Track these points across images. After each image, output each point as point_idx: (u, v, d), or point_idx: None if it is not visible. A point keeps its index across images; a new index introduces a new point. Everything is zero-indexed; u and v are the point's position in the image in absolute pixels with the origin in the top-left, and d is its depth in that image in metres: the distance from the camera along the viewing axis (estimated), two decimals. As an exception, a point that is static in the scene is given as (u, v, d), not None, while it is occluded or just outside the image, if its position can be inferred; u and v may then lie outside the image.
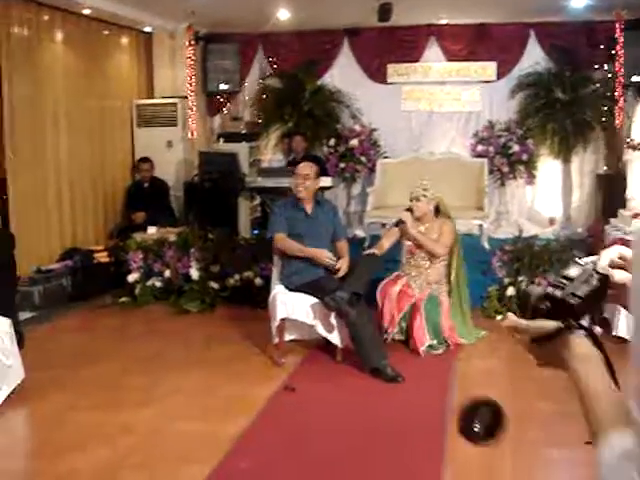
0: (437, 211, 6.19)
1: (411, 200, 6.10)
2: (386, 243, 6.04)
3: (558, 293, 1.29)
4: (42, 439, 4.39)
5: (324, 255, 5.59)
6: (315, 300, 5.44)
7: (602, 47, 9.23)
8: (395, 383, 5.14)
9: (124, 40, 9.56)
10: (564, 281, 1.29)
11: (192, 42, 9.58)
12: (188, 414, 4.61)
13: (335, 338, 5.46)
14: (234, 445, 4.12)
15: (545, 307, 1.30)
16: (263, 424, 4.45)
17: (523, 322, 1.32)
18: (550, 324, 1.28)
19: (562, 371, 1.31)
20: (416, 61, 10.17)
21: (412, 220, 6.06)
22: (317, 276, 5.60)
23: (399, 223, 6.09)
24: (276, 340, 5.58)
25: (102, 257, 7.89)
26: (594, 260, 1.34)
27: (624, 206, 6.57)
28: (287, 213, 5.78)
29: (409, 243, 6.13)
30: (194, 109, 9.63)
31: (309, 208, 5.81)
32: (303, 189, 5.74)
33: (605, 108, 9.25)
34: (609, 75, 9.20)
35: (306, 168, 5.84)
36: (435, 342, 5.90)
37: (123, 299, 7.43)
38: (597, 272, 1.30)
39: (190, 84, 9.59)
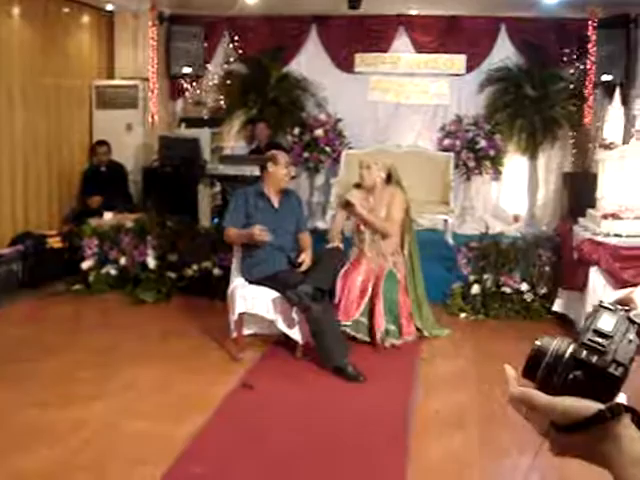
0: (389, 179, 5.97)
1: (360, 167, 5.92)
2: (337, 234, 5.89)
3: (595, 359, 0.94)
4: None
5: (256, 230, 5.29)
6: (276, 294, 5.25)
7: (573, 45, 9.16)
8: (357, 382, 4.97)
9: (85, 18, 9.22)
10: (599, 339, 0.95)
11: (155, 23, 9.30)
12: (142, 411, 4.39)
13: (296, 334, 5.28)
14: (188, 446, 3.92)
15: (576, 378, 0.95)
16: (219, 424, 4.25)
17: (542, 398, 0.96)
18: (584, 405, 0.93)
19: (600, 467, 0.94)
20: (385, 51, 10.00)
21: (360, 198, 5.89)
22: (279, 269, 5.40)
23: (347, 205, 5.91)
24: (234, 334, 5.38)
25: (55, 242, 7.60)
26: (622, 300, 1.03)
27: (592, 206, 6.46)
28: (250, 203, 5.54)
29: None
30: (155, 92, 9.37)
31: (275, 200, 5.59)
32: (288, 179, 5.62)
33: (574, 106, 9.18)
34: (579, 73, 9.13)
35: (286, 156, 5.69)
36: (392, 327, 5.71)
37: (76, 287, 7.16)
38: (633, 321, 0.98)
39: (152, 66, 9.32)
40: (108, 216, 7.84)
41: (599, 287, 5.79)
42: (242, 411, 4.45)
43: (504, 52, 9.60)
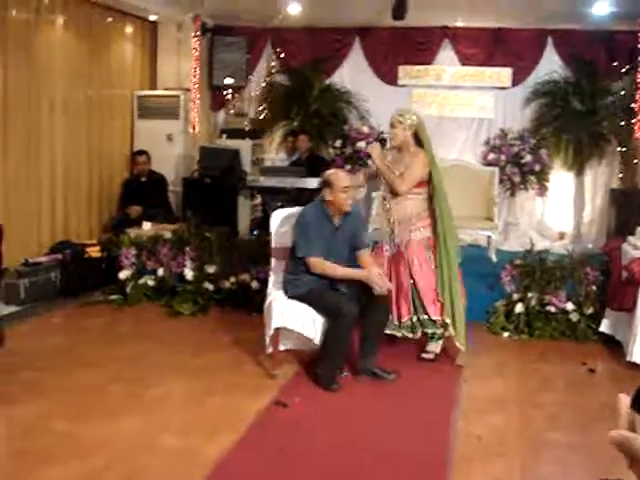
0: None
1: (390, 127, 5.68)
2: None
3: None
4: (10, 450, 4.05)
5: (374, 276, 4.98)
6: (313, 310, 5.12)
7: (623, 58, 8.94)
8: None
9: (128, 28, 9.25)
10: None
11: (198, 33, 9.29)
12: (173, 427, 4.29)
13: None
14: (219, 465, 3.80)
15: None
16: (251, 442, 4.12)
17: None
18: None
19: None
20: (429, 64, 9.88)
21: (380, 151, 5.64)
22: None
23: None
24: (270, 350, 5.25)
25: (94, 252, 7.57)
26: None
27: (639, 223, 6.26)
28: (323, 227, 5.18)
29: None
30: (197, 102, 9.36)
31: (337, 219, 5.24)
32: (351, 202, 5.20)
33: (623, 121, 8.95)
34: (629, 87, 8.91)
35: (343, 176, 5.25)
36: (415, 318, 5.51)
37: (113, 297, 7.11)
38: None
39: (194, 77, 9.33)
40: (147, 226, 7.80)
41: (649, 308, 5.57)
42: (275, 430, 4.31)
43: (551, 65, 9.42)
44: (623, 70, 9.03)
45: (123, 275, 7.19)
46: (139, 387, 4.88)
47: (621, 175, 9.32)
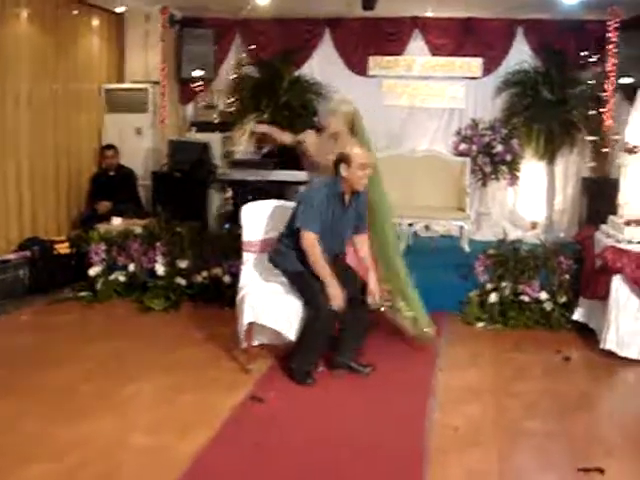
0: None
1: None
2: None
3: None
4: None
5: (337, 297, 4.85)
6: (288, 301, 5.05)
7: (592, 47, 8.97)
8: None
9: (94, 21, 9.09)
10: None
11: (166, 25, 9.18)
12: (147, 425, 4.20)
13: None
14: (194, 463, 3.73)
15: None
16: (226, 438, 4.06)
17: None
18: None
19: None
20: (399, 54, 9.85)
21: (315, 139, 5.79)
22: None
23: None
24: (244, 344, 5.19)
25: (63, 248, 7.45)
26: None
27: (613, 212, 6.26)
28: (330, 206, 4.98)
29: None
30: (166, 95, 9.25)
31: (348, 198, 5.06)
32: (366, 181, 5.03)
33: (593, 110, 8.97)
34: (598, 76, 8.93)
35: (361, 152, 4.98)
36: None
37: (83, 294, 7.00)
38: None
39: (163, 69, 9.23)
40: (117, 222, 7.70)
41: (623, 296, 5.57)
42: (250, 425, 4.25)
43: (521, 55, 9.44)
44: (592, 59, 9.05)
45: (93, 271, 7.08)
46: (111, 385, 4.79)
47: (592, 164, 9.35)
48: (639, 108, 6.04)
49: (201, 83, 9.95)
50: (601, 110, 8.77)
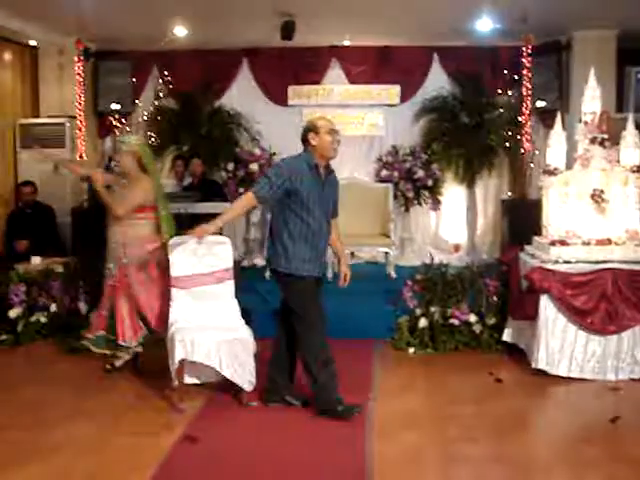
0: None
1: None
2: None
3: None
4: None
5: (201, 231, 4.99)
6: (220, 337, 4.96)
7: (507, 72, 9.20)
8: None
9: (7, 54, 8.88)
10: None
11: (81, 58, 9.01)
12: (76, 474, 4.01)
13: (242, 381, 4.98)
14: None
15: None
16: (162, 482, 3.92)
17: None
18: None
19: None
20: (318, 83, 9.92)
21: (102, 177, 5.80)
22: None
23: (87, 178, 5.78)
24: (175, 383, 5.06)
25: (-20, 290, 7.17)
26: None
27: (533, 232, 6.38)
28: (306, 179, 4.77)
29: None
30: (83, 130, 9.06)
31: (322, 171, 4.90)
32: (337, 146, 4.88)
33: (509, 133, 9.19)
34: (514, 100, 9.17)
35: (326, 120, 4.95)
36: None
37: (3, 337, 6.74)
38: None
39: (79, 103, 9.04)
40: (36, 261, 7.48)
41: (551, 315, 5.66)
42: (187, 467, 4.12)
43: (438, 81, 9.65)
44: (508, 84, 9.28)
45: (13, 313, 6.82)
46: (37, 433, 4.58)
47: (510, 186, 9.55)
48: (558, 130, 6.17)
49: (119, 116, 9.79)
50: (518, 134, 8.97)
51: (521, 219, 8.39)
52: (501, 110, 9.39)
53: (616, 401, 5.30)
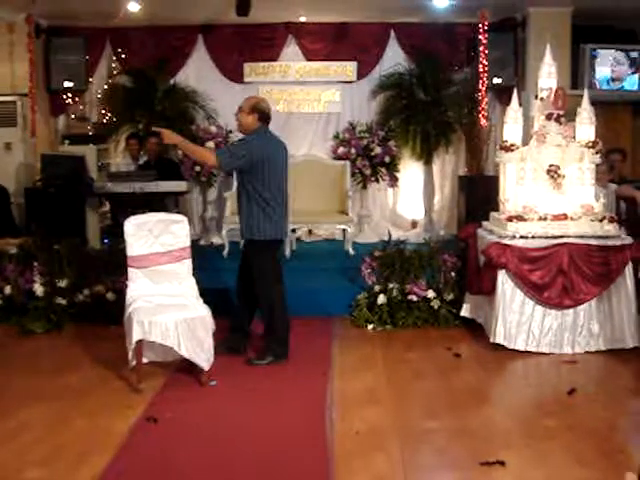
0: None
1: None
2: None
3: None
4: None
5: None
6: (178, 315, 4.92)
7: (463, 49, 9.23)
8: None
9: (-47, 31, 8.66)
10: None
11: (32, 35, 8.82)
12: (37, 457, 3.93)
13: (201, 360, 4.96)
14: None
15: None
16: (123, 463, 3.88)
17: None
18: None
19: None
20: (274, 60, 9.86)
21: None
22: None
23: None
24: (133, 363, 5.01)
25: None
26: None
27: (490, 208, 6.43)
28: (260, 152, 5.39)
29: None
30: (35, 108, 8.89)
31: None
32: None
33: (466, 110, 9.22)
34: (470, 77, 9.19)
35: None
36: None
37: (-44, 320, 6.63)
38: None
39: (31, 81, 8.84)
40: (-12, 242, 7.33)
41: (508, 290, 5.72)
42: (147, 447, 4.09)
43: (395, 58, 9.64)
44: (464, 61, 9.30)
45: (-34, 296, 6.71)
46: (-7, 417, 4.52)
47: (467, 162, 9.60)
48: (514, 106, 6.19)
49: (72, 94, 9.62)
50: (474, 110, 9.00)
51: (478, 195, 8.45)
52: (458, 87, 9.41)
53: (572, 374, 5.38)
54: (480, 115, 8.84)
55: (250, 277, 5.54)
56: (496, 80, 9.07)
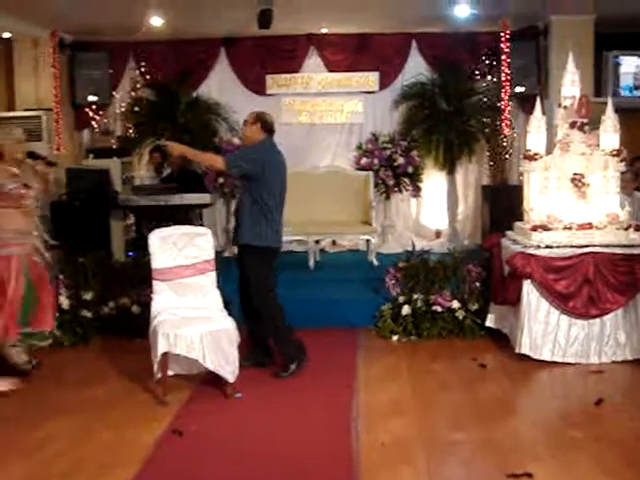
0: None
1: None
2: None
3: None
4: None
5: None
6: (204, 328, 4.93)
7: (485, 58, 9.20)
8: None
9: (-20, 47, 8.77)
10: None
11: (57, 50, 8.92)
12: (59, 471, 3.95)
13: (226, 372, 4.97)
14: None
15: None
16: (147, 476, 3.88)
17: None
18: None
19: None
20: (296, 72, 9.88)
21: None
22: None
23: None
24: (159, 376, 5.03)
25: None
26: None
27: (513, 217, 6.40)
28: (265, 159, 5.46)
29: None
30: (60, 122, 8.96)
31: None
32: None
33: (489, 119, 9.20)
34: (492, 86, 9.17)
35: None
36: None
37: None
38: None
39: (56, 95, 8.94)
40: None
41: (533, 300, 5.68)
42: (172, 460, 4.10)
43: (417, 68, 9.64)
44: (486, 70, 9.28)
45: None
46: (19, 429, 4.53)
47: (491, 172, 9.56)
48: (538, 115, 6.17)
49: (96, 108, 9.70)
50: (497, 119, 8.97)
51: (501, 205, 8.41)
52: (480, 96, 9.39)
53: (599, 384, 5.34)
54: (503, 124, 8.81)
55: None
56: (519, 89, 9.04)
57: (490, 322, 6.37)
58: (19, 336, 5.36)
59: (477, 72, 9.38)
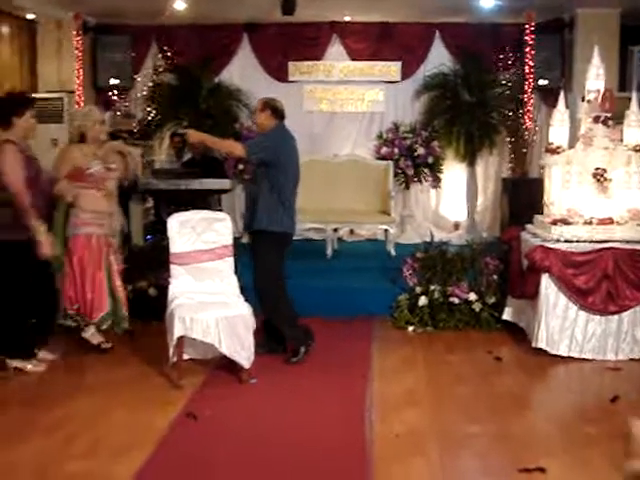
0: None
1: None
2: None
3: None
4: None
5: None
6: (220, 313, 4.94)
7: (509, 49, 9.14)
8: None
9: (4, 27, 8.77)
10: None
11: (80, 32, 8.94)
12: (77, 450, 3.99)
13: (241, 358, 4.98)
14: (129, 487, 3.59)
15: None
16: (162, 459, 3.91)
17: None
18: None
19: None
20: (318, 59, 9.86)
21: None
22: None
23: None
24: (174, 359, 5.05)
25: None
26: None
27: (533, 211, 6.35)
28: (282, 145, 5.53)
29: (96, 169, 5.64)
30: (82, 105, 8.98)
31: None
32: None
33: (511, 111, 9.14)
34: (515, 78, 9.11)
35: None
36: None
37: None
38: None
39: (78, 78, 8.98)
40: (35, 236, 7.40)
41: (551, 295, 5.65)
42: (186, 444, 4.11)
43: (440, 58, 9.58)
44: (510, 62, 9.22)
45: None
46: (37, 409, 4.57)
47: (511, 164, 9.51)
48: (561, 109, 6.12)
49: (118, 91, 9.72)
50: (519, 112, 8.92)
51: (521, 197, 8.37)
52: (503, 88, 9.33)
53: (615, 381, 5.31)
54: (525, 117, 8.75)
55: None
56: (542, 81, 8.98)
57: (507, 315, 6.35)
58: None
59: (500, 64, 9.31)
